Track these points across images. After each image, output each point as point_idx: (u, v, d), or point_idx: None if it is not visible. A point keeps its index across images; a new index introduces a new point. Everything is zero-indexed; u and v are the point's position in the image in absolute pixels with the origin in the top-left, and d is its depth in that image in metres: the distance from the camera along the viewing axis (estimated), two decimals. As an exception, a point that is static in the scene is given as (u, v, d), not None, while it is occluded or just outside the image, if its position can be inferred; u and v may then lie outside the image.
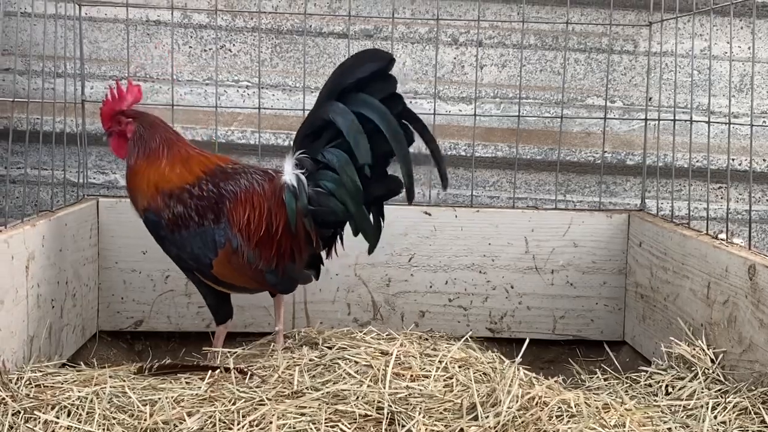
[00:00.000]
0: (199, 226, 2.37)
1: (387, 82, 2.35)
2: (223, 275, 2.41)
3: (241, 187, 2.41)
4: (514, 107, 3.23)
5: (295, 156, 2.42)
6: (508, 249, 3.08)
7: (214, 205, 2.38)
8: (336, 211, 2.39)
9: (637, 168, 3.29)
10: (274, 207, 2.39)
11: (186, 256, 2.40)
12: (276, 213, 2.39)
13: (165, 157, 2.41)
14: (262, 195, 2.41)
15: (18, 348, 2.28)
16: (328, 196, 2.39)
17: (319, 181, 2.39)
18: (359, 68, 2.34)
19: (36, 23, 3.06)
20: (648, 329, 2.89)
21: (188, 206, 2.37)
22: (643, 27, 3.26)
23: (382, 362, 2.24)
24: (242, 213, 2.38)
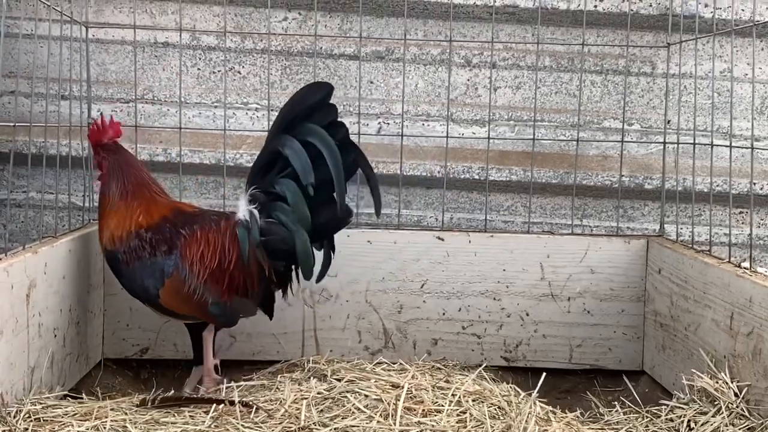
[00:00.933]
0: (150, 257, 2.46)
1: (329, 109, 2.49)
2: (167, 304, 2.48)
3: (198, 226, 2.51)
4: (528, 130, 3.16)
5: (249, 192, 2.52)
6: (523, 275, 3.00)
7: (169, 239, 2.48)
8: (285, 239, 2.47)
9: (656, 192, 3.21)
10: (228, 242, 2.48)
11: (136, 287, 2.49)
12: (229, 247, 2.48)
13: (129, 198, 2.51)
14: (217, 231, 2.50)
15: (18, 379, 2.22)
16: (278, 225, 2.48)
17: (271, 212, 2.49)
18: (303, 100, 2.48)
19: (42, 45, 3.02)
20: (668, 359, 2.80)
21: (143, 239, 2.47)
22: (661, 48, 3.18)
23: (393, 396, 2.16)
24: (196, 249, 2.47)
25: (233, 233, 2.48)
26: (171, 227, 2.50)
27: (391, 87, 3.19)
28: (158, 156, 3.16)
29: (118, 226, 2.49)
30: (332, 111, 2.51)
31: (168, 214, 2.53)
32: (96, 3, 3.12)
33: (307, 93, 2.52)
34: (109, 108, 3.15)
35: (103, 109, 3.14)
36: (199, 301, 2.46)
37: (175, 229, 2.50)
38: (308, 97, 2.49)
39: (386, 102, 3.20)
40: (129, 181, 2.52)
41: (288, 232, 2.47)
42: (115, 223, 2.49)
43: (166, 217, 2.52)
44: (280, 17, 3.17)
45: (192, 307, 2.49)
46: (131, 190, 2.52)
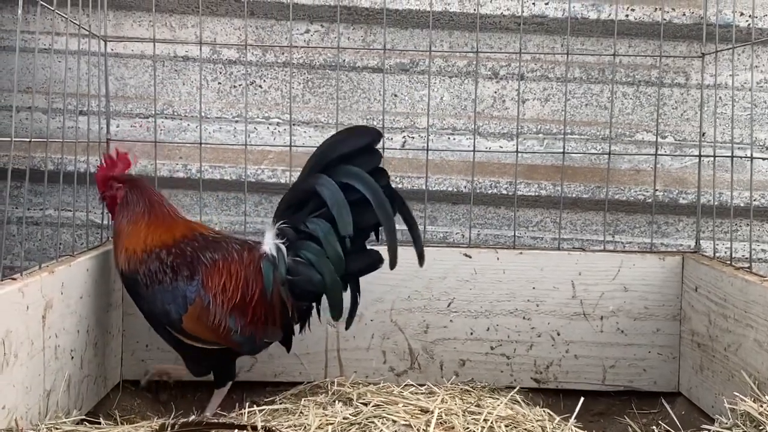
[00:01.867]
0: (172, 281, 2.42)
1: (373, 155, 2.44)
2: (191, 330, 2.44)
3: (219, 255, 2.46)
4: (558, 143, 3.07)
5: (277, 226, 2.46)
6: (554, 293, 2.90)
7: (189, 264, 2.44)
8: (314, 281, 2.43)
9: (691, 207, 3.10)
10: (252, 275, 2.44)
11: (157, 311, 2.45)
12: (252, 281, 2.44)
13: (147, 221, 2.48)
14: (240, 263, 2.45)
15: (33, 404, 2.14)
16: (307, 266, 2.43)
17: (300, 251, 2.44)
18: (347, 142, 2.44)
19: (59, 59, 2.96)
20: (706, 381, 2.69)
21: (164, 262, 2.44)
22: (695, 58, 3.08)
23: (423, 422, 2.07)
24: (218, 279, 2.43)
25: (257, 266, 2.44)
26: (192, 251, 2.45)
27: (415, 100, 3.12)
28: (178, 172, 3.09)
29: (137, 246, 2.45)
30: (376, 157, 2.45)
31: (189, 236, 2.49)
32: (115, 16, 3.07)
33: (350, 135, 2.47)
34: (128, 123, 3.09)
35: (122, 125, 3.09)
36: (223, 329, 2.42)
37: (195, 253, 2.45)
38: (352, 140, 2.44)
39: (411, 115, 3.12)
40: (147, 203, 2.51)
41: (318, 275, 2.42)
42: (134, 243, 2.46)
43: (186, 240, 2.48)
44: (302, 29, 3.10)
45: (216, 335, 2.44)
46: (149, 211, 2.50)
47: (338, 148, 2.43)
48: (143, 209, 2.50)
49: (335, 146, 2.45)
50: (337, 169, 2.41)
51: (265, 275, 2.42)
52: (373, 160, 2.43)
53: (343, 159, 2.42)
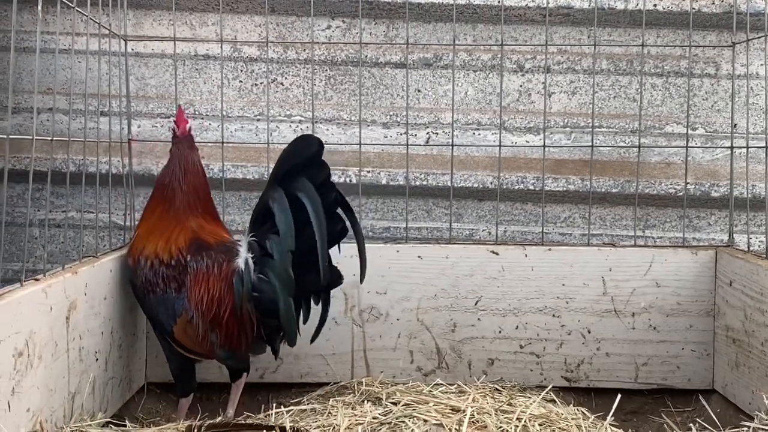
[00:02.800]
0: (163, 293, 2.43)
1: (320, 167, 2.38)
2: (181, 341, 2.45)
3: (203, 265, 2.43)
4: (586, 137, 3.01)
5: (249, 239, 2.43)
6: (584, 290, 2.84)
7: (178, 276, 2.43)
8: (275, 300, 2.35)
9: (723, 200, 3.03)
10: (224, 290, 2.41)
11: (153, 318, 2.49)
12: (225, 296, 2.40)
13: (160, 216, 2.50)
14: (217, 276, 2.42)
15: (58, 406, 2.11)
16: (268, 283, 2.37)
17: (263, 268, 2.39)
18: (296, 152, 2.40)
19: (80, 60, 2.94)
20: (742, 377, 2.62)
21: (157, 273, 2.44)
22: (726, 48, 3.02)
23: (454, 421, 2.02)
24: (198, 292, 2.42)
25: (230, 281, 2.40)
26: (183, 262, 2.44)
27: (439, 95, 3.07)
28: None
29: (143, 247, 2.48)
30: (323, 169, 2.38)
31: (184, 246, 2.46)
32: (134, 16, 3.04)
33: (300, 145, 2.42)
34: (149, 123, 3.06)
35: (143, 125, 3.06)
36: (207, 343, 2.42)
37: (184, 264, 2.44)
38: (302, 150, 2.39)
39: (435, 111, 3.07)
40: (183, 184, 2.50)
41: (275, 293, 2.35)
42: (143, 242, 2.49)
43: (180, 250, 2.46)
44: (324, 25, 3.06)
45: (203, 348, 2.44)
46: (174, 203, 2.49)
47: (290, 159, 2.39)
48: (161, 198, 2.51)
49: (288, 156, 2.40)
50: (291, 180, 2.36)
51: (236, 290, 2.38)
52: (320, 172, 2.37)
53: (295, 170, 2.37)
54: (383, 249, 2.84)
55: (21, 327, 1.91)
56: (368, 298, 2.82)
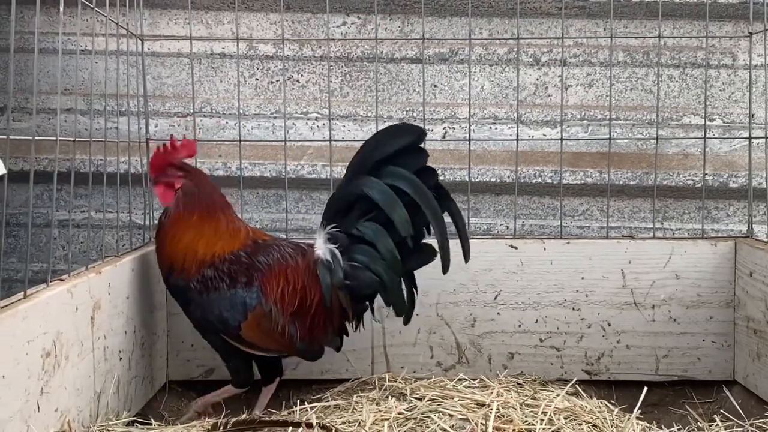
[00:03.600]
0: (230, 288, 2.36)
1: (419, 155, 2.37)
2: (249, 337, 2.39)
3: (274, 260, 2.40)
4: (603, 129, 3.01)
5: (327, 230, 2.41)
6: (604, 283, 2.84)
7: (247, 271, 2.38)
8: (372, 285, 2.39)
9: (742, 191, 3.02)
10: (309, 282, 2.39)
11: (213, 318, 2.38)
12: (310, 288, 2.39)
13: (201, 224, 2.40)
14: (296, 269, 2.40)
15: (84, 406, 2.12)
16: (363, 270, 2.39)
17: (354, 255, 2.39)
18: (390, 142, 2.36)
19: (97, 61, 2.94)
20: (764, 368, 2.61)
21: (219, 269, 2.37)
22: (742, 38, 3.00)
23: (480, 415, 2.02)
24: (276, 286, 2.38)
25: (313, 272, 2.39)
26: (247, 257, 2.39)
27: (455, 90, 3.07)
28: (218, 170, 3.07)
29: (188, 252, 2.37)
30: (423, 156, 2.38)
31: (245, 242, 2.42)
32: (150, 15, 3.05)
33: (394, 134, 2.39)
34: (166, 123, 3.07)
35: (160, 124, 3.07)
36: (286, 336, 2.38)
37: (251, 259, 2.39)
38: (395, 139, 2.36)
39: (451, 106, 3.07)
40: (205, 203, 2.41)
41: (376, 278, 2.38)
42: (185, 248, 2.38)
43: (241, 246, 2.41)
44: (339, 22, 3.06)
45: (278, 342, 2.40)
46: (206, 213, 2.40)
47: (382, 149, 2.36)
48: (200, 209, 2.40)
49: (378, 146, 2.38)
50: (382, 170, 2.35)
51: (323, 281, 2.37)
52: (419, 159, 2.37)
53: (387, 160, 2.35)
54: (402, 245, 2.84)
55: (48, 327, 1.92)
56: (388, 293, 2.82)
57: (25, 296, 1.90)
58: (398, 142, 2.36)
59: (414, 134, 2.38)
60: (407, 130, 2.42)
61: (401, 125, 2.48)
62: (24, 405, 1.80)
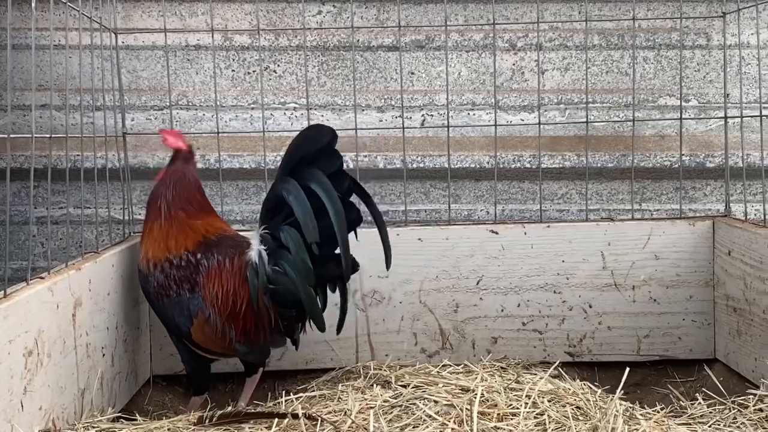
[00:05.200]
0: (177, 295, 2.40)
1: (332, 157, 2.35)
2: (200, 341, 2.42)
3: (215, 262, 2.40)
4: (580, 113, 3.02)
5: (260, 232, 2.40)
6: (584, 265, 2.86)
7: (190, 276, 2.40)
8: (292, 291, 2.34)
9: (718, 170, 3.05)
10: (239, 284, 2.38)
11: (169, 322, 2.45)
12: (239, 290, 2.38)
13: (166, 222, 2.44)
14: (230, 271, 2.39)
15: (68, 403, 2.11)
16: (284, 275, 2.35)
17: (278, 260, 2.36)
18: (307, 142, 2.35)
19: (71, 56, 2.92)
20: (744, 345, 2.64)
21: (168, 276, 2.41)
22: (716, 18, 3.02)
23: (465, 400, 2.03)
24: (212, 288, 2.38)
25: (243, 275, 2.36)
26: (195, 261, 2.41)
27: (433, 77, 3.06)
28: (196, 163, 3.04)
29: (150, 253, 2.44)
30: (336, 159, 2.35)
31: (191, 247, 2.43)
32: (123, 8, 3.02)
33: (311, 135, 2.38)
34: (143, 116, 3.05)
35: (137, 118, 3.05)
36: (226, 340, 2.38)
37: (196, 263, 2.41)
38: (313, 140, 2.34)
39: (429, 93, 3.07)
40: (174, 196, 2.45)
41: (293, 284, 2.32)
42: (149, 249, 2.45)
43: (189, 249, 2.42)
44: (314, 11, 3.05)
45: (221, 346, 2.41)
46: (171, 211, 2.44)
47: (301, 149, 2.34)
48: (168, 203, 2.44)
49: (299, 146, 2.35)
50: (302, 171, 2.32)
51: (251, 283, 2.35)
52: (332, 161, 2.34)
53: (306, 160, 2.33)
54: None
55: (30, 326, 1.91)
56: (370, 282, 2.83)
57: (5, 295, 1.89)
58: (313, 144, 2.33)
59: (328, 135, 2.35)
60: (320, 131, 2.39)
61: (317, 126, 2.44)
62: (8, 404, 1.79)
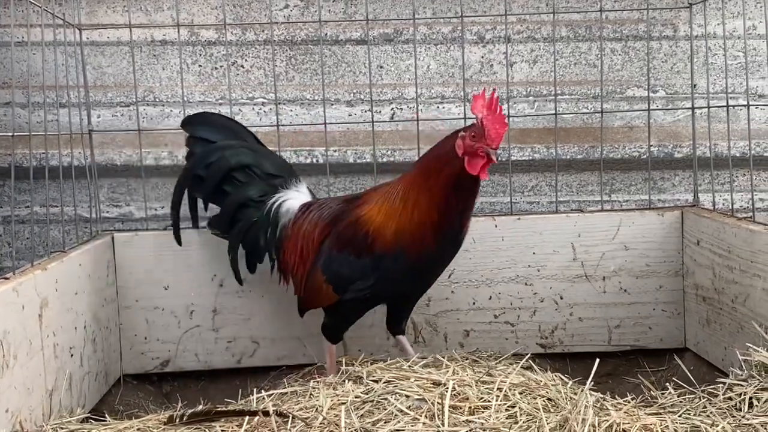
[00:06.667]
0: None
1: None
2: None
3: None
4: (549, 105, 3.02)
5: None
6: (555, 257, 2.87)
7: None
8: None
9: (687, 161, 3.07)
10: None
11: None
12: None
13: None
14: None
15: (36, 405, 2.09)
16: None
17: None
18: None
19: (35, 52, 2.88)
20: (714, 334, 2.66)
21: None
22: (683, 9, 3.04)
23: (436, 394, 2.02)
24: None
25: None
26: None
27: (402, 70, 3.05)
28: (164, 159, 3.02)
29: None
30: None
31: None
32: (88, 4, 2.98)
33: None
34: (109, 113, 3.01)
35: (103, 115, 3.01)
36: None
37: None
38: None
39: (398, 86, 3.05)
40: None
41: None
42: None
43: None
44: (281, 5, 3.03)
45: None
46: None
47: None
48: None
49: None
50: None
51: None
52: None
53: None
54: (354, 227, 2.83)
55: (-6, 327, 1.88)
56: (342, 277, 2.81)
57: (-32, 297, 1.86)
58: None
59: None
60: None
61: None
62: (-28, 408, 1.76)
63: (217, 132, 2.65)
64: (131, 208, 3.05)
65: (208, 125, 2.66)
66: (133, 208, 3.04)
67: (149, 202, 3.03)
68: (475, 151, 2.26)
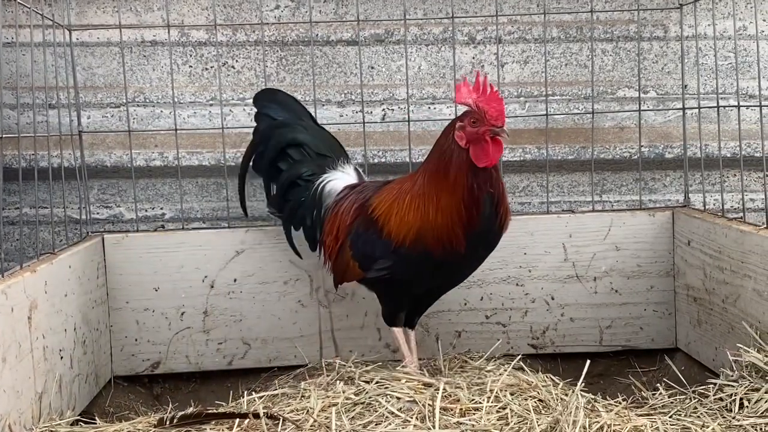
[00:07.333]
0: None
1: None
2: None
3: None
4: (540, 106, 3.02)
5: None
6: (546, 258, 2.87)
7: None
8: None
9: (677, 161, 3.07)
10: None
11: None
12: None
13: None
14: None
15: (25, 408, 2.07)
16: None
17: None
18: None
19: (24, 53, 2.86)
20: (705, 335, 2.67)
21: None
22: (673, 10, 3.04)
23: (427, 396, 2.03)
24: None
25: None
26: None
27: (393, 71, 3.05)
28: (155, 161, 3.01)
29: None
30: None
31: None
32: (77, 4, 2.97)
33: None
34: (99, 114, 3.00)
35: (93, 116, 3.00)
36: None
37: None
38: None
39: (389, 87, 3.05)
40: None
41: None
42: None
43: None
44: (272, 6, 3.02)
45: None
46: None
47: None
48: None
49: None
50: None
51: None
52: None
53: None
54: (345, 228, 2.83)
55: (-17, 330, 1.87)
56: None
57: (-44, 300, 1.85)
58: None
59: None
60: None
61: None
62: (-40, 411, 1.75)
63: (279, 109, 2.70)
64: (121, 210, 3.04)
65: (272, 102, 2.72)
66: (123, 209, 3.03)
67: (139, 204, 3.03)
68: (480, 136, 2.18)
